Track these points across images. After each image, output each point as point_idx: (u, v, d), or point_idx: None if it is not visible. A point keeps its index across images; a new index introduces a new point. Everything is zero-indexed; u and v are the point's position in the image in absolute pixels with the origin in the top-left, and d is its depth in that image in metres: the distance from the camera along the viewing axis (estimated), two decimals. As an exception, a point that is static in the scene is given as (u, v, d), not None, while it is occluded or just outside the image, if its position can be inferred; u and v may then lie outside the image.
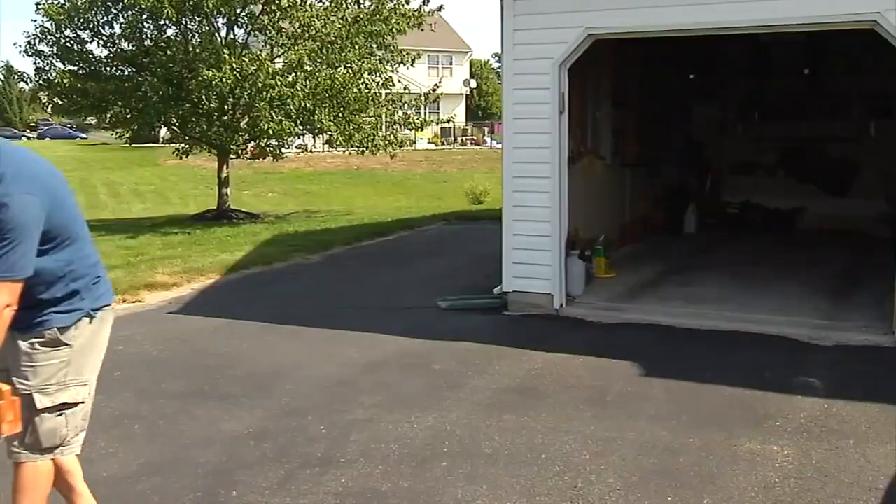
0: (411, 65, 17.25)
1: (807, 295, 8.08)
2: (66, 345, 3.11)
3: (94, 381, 3.25)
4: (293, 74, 15.20)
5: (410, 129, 18.47)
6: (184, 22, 15.81)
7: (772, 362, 6.05)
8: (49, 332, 3.07)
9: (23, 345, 3.05)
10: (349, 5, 16.20)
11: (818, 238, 11.58)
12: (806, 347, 6.46)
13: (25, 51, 16.15)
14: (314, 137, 19.58)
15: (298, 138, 17.35)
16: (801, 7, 6.55)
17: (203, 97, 15.04)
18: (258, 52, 15.70)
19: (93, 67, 16.22)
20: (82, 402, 3.18)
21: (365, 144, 16.33)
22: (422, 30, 16.78)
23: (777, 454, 4.39)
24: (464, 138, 52.26)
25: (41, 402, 3.06)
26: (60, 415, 3.11)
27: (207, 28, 16.14)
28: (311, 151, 33.94)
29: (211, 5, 14.85)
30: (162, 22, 15.66)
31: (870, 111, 12.24)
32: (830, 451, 4.44)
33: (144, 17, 15.52)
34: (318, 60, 15.42)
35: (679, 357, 6.30)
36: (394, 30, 16.01)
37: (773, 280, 8.81)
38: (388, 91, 17.05)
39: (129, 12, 15.49)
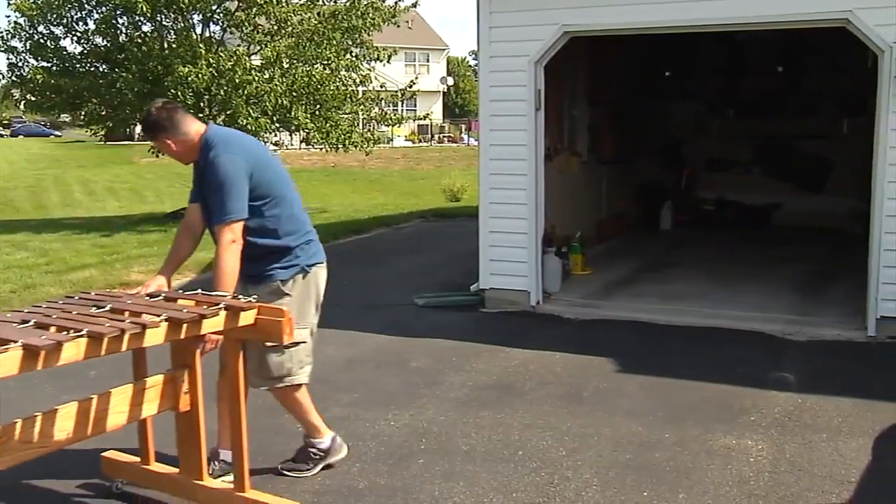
0: (387, 61, 17.20)
1: (781, 291, 8.16)
2: (287, 294, 3.85)
3: (315, 324, 4.05)
4: (270, 71, 15.13)
5: (388, 126, 18.43)
6: (159, 18, 15.67)
7: (746, 358, 6.10)
8: (273, 284, 3.84)
9: (253, 295, 3.67)
10: (325, 1, 16.14)
11: (793, 234, 11.69)
12: (780, 343, 6.52)
13: (-3, 46, 15.96)
14: (290, 135, 19.49)
15: (274, 135, 17.24)
16: (774, 5, 6.60)
17: (179, 94, 14.91)
18: (235, 48, 15.60)
19: (67, 64, 16.02)
20: (304, 342, 3.93)
21: (342, 142, 16.28)
22: (397, 25, 16.72)
23: (751, 449, 4.44)
24: (441, 136, 52.30)
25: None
26: (284, 352, 3.85)
27: (183, 24, 16.00)
28: (286, 148, 33.80)
29: (186, 1, 14.74)
30: (136, 18, 15.52)
31: (843, 108, 12.34)
32: (804, 445, 4.49)
33: (119, 12, 15.37)
34: (296, 58, 15.36)
35: (655, 353, 6.34)
36: (369, 24, 15.97)
37: (748, 276, 8.88)
38: (365, 88, 17.00)
39: (104, 8, 15.34)
